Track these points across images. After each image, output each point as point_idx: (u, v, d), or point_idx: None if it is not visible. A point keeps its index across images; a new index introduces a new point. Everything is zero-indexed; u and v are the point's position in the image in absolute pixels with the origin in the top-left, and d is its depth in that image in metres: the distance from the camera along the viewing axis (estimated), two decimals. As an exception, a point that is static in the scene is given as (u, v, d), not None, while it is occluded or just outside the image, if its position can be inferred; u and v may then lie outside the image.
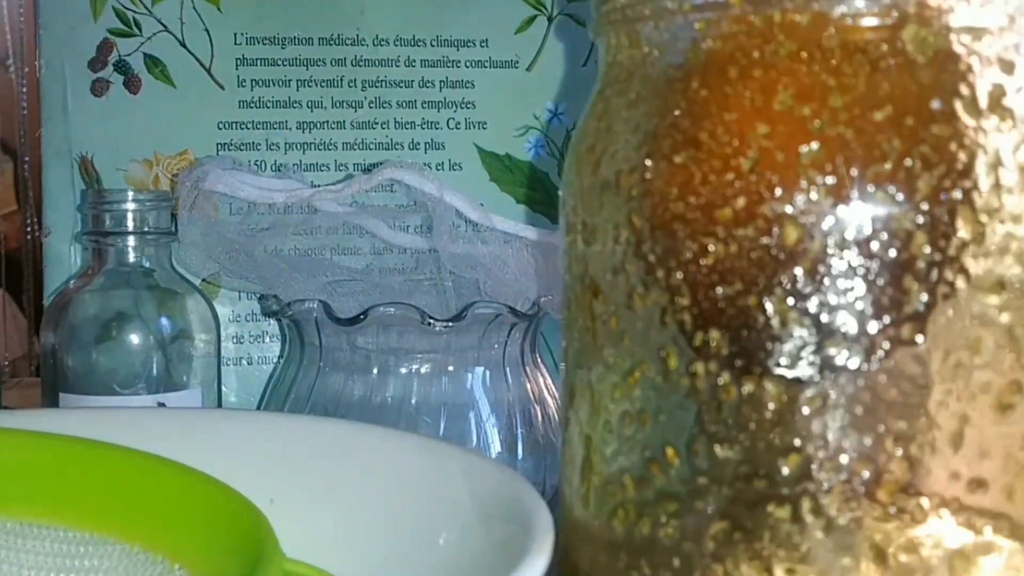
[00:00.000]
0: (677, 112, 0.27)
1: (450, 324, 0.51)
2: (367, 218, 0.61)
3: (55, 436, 0.35)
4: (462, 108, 0.66)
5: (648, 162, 0.28)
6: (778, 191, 0.26)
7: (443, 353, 0.54)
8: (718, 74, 0.27)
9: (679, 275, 0.27)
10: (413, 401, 0.53)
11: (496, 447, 0.54)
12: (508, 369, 0.55)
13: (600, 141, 0.30)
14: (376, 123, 0.65)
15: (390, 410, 0.53)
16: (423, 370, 0.54)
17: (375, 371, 0.54)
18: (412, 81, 0.65)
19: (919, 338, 0.26)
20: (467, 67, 0.66)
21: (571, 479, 0.31)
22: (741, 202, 0.26)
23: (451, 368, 0.54)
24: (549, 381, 0.57)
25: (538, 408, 0.55)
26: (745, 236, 0.26)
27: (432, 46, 0.66)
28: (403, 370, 0.54)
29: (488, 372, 0.55)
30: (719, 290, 0.27)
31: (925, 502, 0.26)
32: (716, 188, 0.27)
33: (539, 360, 0.57)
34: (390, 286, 0.58)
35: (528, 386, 0.56)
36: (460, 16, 0.66)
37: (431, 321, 0.51)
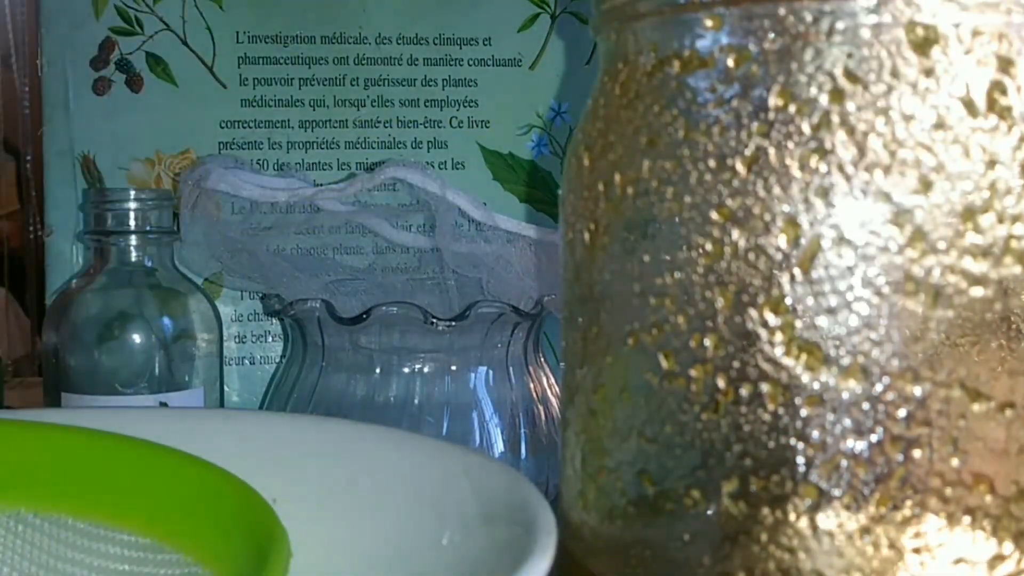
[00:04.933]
0: (674, 111, 0.27)
1: (453, 323, 0.51)
2: (370, 217, 0.61)
3: (125, 438, 0.35)
4: (465, 107, 0.66)
5: (646, 161, 0.28)
6: (775, 191, 0.26)
7: (446, 352, 0.53)
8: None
9: (677, 275, 0.27)
10: (416, 401, 0.53)
11: (499, 447, 0.54)
12: (511, 368, 0.55)
13: (599, 140, 0.30)
14: (379, 122, 0.65)
15: (393, 410, 0.53)
16: (426, 370, 0.54)
17: (378, 371, 0.54)
18: (415, 80, 0.65)
19: (917, 338, 0.26)
20: (470, 65, 0.66)
21: (571, 479, 0.31)
22: (737, 202, 0.26)
23: (454, 368, 0.54)
24: (552, 380, 0.57)
25: (541, 408, 0.55)
26: (741, 236, 0.26)
27: (435, 44, 0.65)
28: (406, 369, 0.54)
29: (491, 371, 0.54)
30: (717, 290, 0.26)
31: (926, 503, 0.26)
32: (712, 187, 0.26)
33: (542, 359, 0.57)
34: (393, 285, 0.58)
35: (531, 386, 0.55)
36: (463, 14, 0.66)
37: (434, 320, 0.51)
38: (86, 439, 0.36)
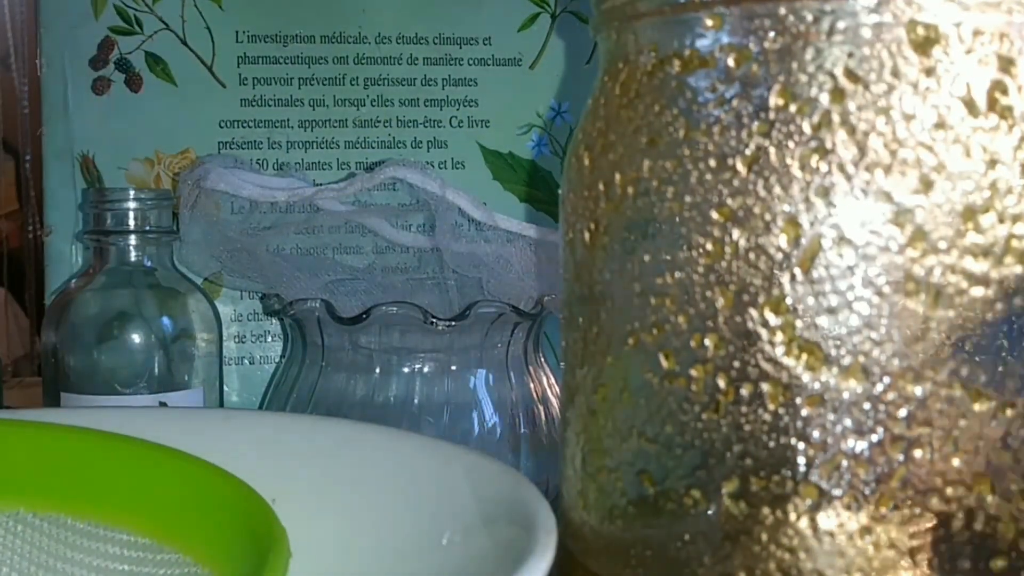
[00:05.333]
0: (674, 110, 0.27)
1: (453, 323, 0.51)
2: (369, 217, 0.61)
3: (125, 438, 0.35)
4: (465, 106, 0.66)
5: (646, 161, 0.28)
6: (776, 190, 0.26)
7: (446, 352, 0.53)
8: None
9: (677, 275, 0.27)
10: (416, 401, 0.53)
11: (499, 447, 0.53)
12: (511, 368, 0.55)
13: (599, 140, 0.30)
14: (378, 121, 0.65)
15: (393, 410, 0.53)
16: (426, 369, 0.54)
17: (378, 370, 0.54)
18: (414, 79, 0.65)
19: (918, 338, 0.26)
20: (470, 65, 0.66)
21: (571, 479, 0.31)
22: (738, 201, 0.26)
23: (454, 368, 0.54)
24: (552, 380, 0.57)
25: (541, 408, 0.55)
26: (742, 236, 0.26)
27: (434, 44, 0.65)
28: (406, 369, 0.54)
29: (491, 372, 0.54)
30: (717, 290, 0.26)
31: (927, 503, 0.26)
32: (712, 187, 0.26)
33: (542, 359, 0.57)
34: (392, 285, 0.58)
35: (531, 386, 0.55)
36: (463, 14, 0.66)
37: (434, 320, 0.51)
38: (86, 439, 0.36)
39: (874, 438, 0.26)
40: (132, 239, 0.55)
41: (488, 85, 0.66)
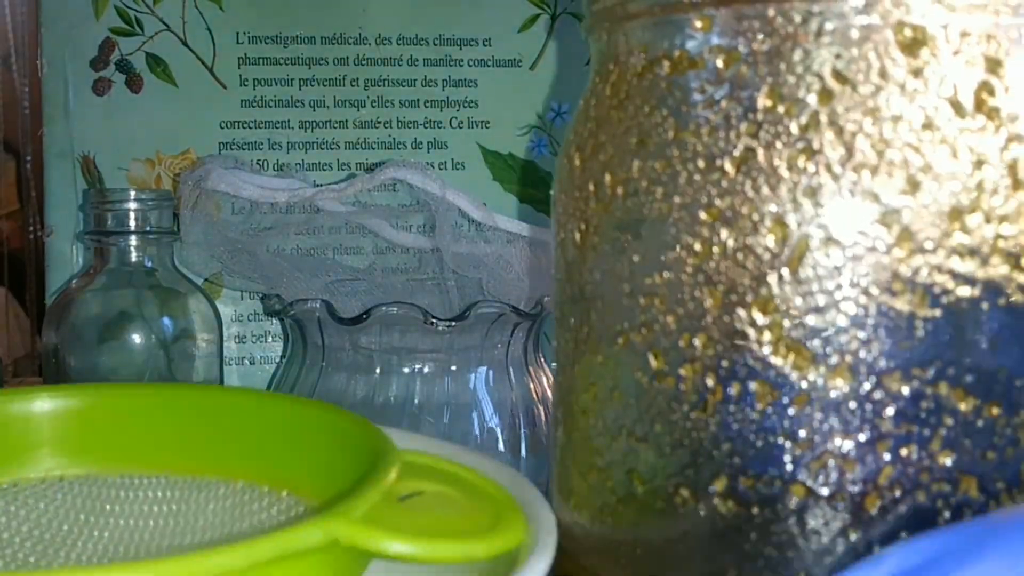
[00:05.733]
0: (664, 111, 0.27)
1: (453, 324, 0.51)
2: (369, 217, 0.61)
3: (141, 386, 0.35)
4: (465, 107, 0.66)
5: (636, 161, 0.28)
6: (764, 191, 0.26)
7: (446, 353, 0.53)
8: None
9: (666, 275, 0.27)
10: (416, 401, 0.53)
11: (499, 447, 0.54)
12: (511, 369, 0.55)
13: (590, 140, 0.30)
14: (378, 122, 0.65)
15: (393, 410, 0.53)
16: (426, 370, 0.54)
17: (378, 371, 0.54)
18: (415, 80, 0.65)
19: (904, 337, 0.26)
20: (470, 66, 0.66)
21: (562, 477, 0.31)
22: (726, 202, 0.26)
23: (454, 368, 0.54)
24: (552, 380, 0.57)
25: (541, 408, 0.55)
26: (730, 236, 0.26)
27: (435, 45, 0.65)
28: (406, 370, 0.54)
29: (491, 372, 0.55)
30: (705, 290, 0.27)
31: (914, 502, 0.26)
32: (701, 187, 0.27)
33: (542, 359, 0.57)
34: (393, 285, 0.58)
35: (531, 386, 0.55)
36: (463, 15, 0.66)
37: (434, 321, 0.51)
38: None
39: (861, 437, 0.26)
40: (133, 240, 0.55)
41: (488, 86, 0.66)
